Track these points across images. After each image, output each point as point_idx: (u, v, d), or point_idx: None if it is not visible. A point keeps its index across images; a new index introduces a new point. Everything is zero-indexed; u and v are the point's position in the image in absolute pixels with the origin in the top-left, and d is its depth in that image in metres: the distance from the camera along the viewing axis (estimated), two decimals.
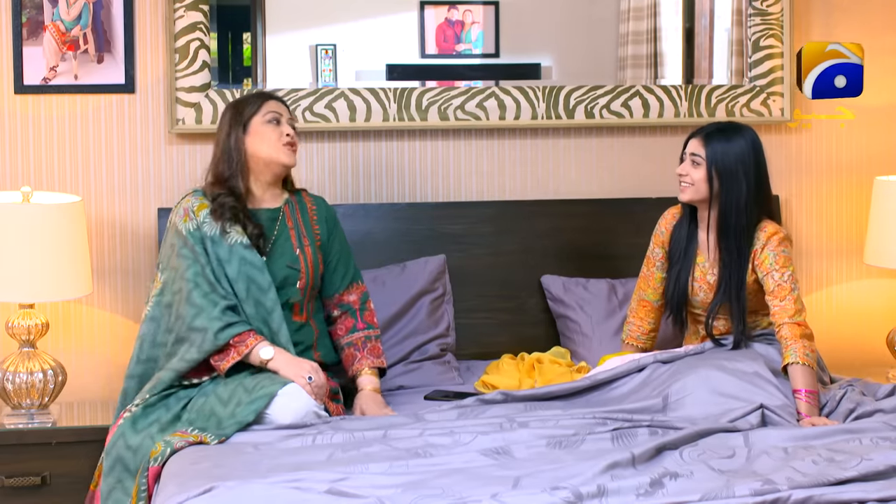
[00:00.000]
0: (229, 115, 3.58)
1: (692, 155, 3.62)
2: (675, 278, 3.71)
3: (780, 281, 3.55)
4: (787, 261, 3.58)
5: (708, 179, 3.60)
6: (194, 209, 3.52)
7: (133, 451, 3.32)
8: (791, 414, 3.32)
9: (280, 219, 3.60)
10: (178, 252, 3.49)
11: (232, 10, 4.21)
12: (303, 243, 3.60)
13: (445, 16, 4.30)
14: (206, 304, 3.41)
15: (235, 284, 3.47)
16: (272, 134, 3.54)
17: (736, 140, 3.60)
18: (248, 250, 3.49)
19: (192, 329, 3.41)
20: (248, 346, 3.39)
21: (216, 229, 3.49)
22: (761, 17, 4.34)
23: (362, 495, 2.72)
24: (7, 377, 3.77)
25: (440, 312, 4.04)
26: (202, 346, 3.39)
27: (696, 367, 3.47)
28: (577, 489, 2.70)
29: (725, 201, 3.60)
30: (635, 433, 3.14)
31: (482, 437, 3.10)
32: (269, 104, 3.58)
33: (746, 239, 3.60)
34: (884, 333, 4.34)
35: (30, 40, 4.00)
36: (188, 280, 3.44)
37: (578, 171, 4.34)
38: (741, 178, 3.59)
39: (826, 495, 2.70)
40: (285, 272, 3.54)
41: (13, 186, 4.01)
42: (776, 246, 3.59)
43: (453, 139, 4.27)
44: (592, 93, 4.28)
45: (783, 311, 3.53)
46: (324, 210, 3.70)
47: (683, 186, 3.65)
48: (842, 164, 4.48)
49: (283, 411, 3.30)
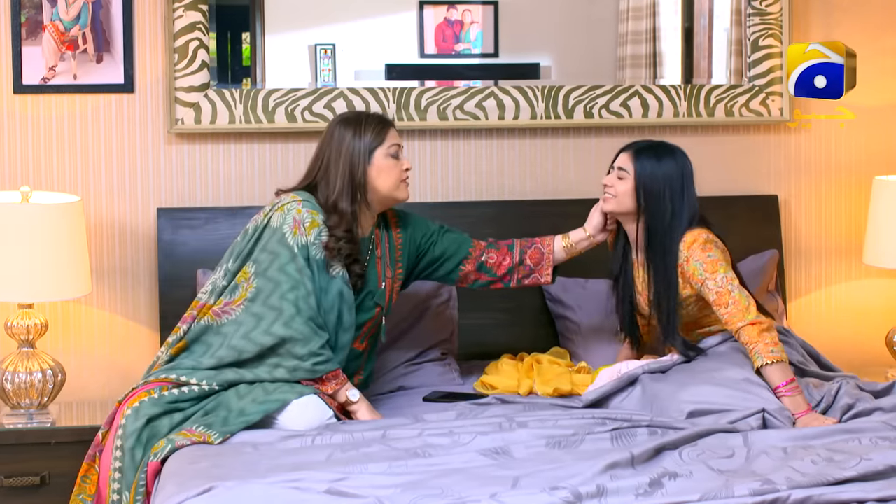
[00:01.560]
0: (349, 139, 3.46)
1: (619, 169, 3.61)
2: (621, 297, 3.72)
3: (715, 288, 3.50)
4: (715, 264, 3.51)
5: (635, 195, 3.59)
6: (306, 225, 3.42)
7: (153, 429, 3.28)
8: (787, 417, 3.31)
9: (371, 246, 3.56)
10: (284, 268, 3.38)
11: (231, 9, 4.21)
12: (385, 274, 3.57)
13: (444, 15, 4.30)
14: (307, 332, 3.35)
15: (327, 315, 3.42)
16: (395, 170, 3.48)
17: (666, 161, 3.59)
18: (346, 286, 3.44)
19: (290, 353, 3.35)
20: (338, 385, 3.39)
21: (322, 255, 3.42)
22: (760, 17, 4.35)
23: (361, 495, 2.72)
24: (6, 377, 3.77)
25: (446, 317, 4.02)
26: (295, 372, 3.35)
27: (686, 384, 3.44)
28: (577, 489, 2.70)
29: (649, 219, 3.59)
30: (634, 433, 3.14)
31: (481, 437, 3.10)
32: (391, 135, 3.49)
33: (672, 256, 3.57)
34: (882, 333, 4.34)
35: (29, 40, 4.00)
36: (290, 302, 3.35)
37: (578, 171, 4.34)
38: (666, 200, 3.56)
39: (825, 495, 2.70)
40: (366, 301, 3.51)
41: (12, 186, 4.01)
42: (699, 253, 3.53)
43: (452, 139, 4.27)
44: (591, 93, 4.28)
45: (732, 316, 3.48)
46: (409, 229, 3.64)
47: (606, 197, 3.64)
48: (841, 164, 4.48)
49: (295, 420, 3.29)
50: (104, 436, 3.40)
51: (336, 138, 3.48)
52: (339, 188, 3.44)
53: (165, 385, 3.36)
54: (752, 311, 3.47)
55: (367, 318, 3.52)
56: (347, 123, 3.49)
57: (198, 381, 3.37)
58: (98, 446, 3.41)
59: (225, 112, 4.08)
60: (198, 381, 3.36)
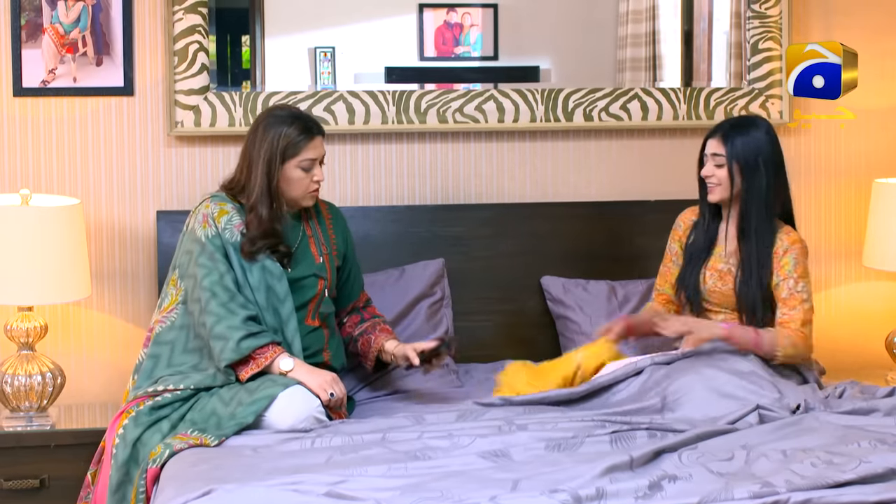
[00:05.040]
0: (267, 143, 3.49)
1: (714, 155, 3.63)
2: (691, 270, 3.72)
3: (794, 290, 3.56)
4: (805, 271, 3.60)
5: (730, 176, 3.60)
6: (214, 215, 3.50)
7: (143, 445, 3.31)
8: (784, 406, 3.32)
9: (301, 227, 3.61)
10: (196, 260, 3.47)
11: (231, 12, 4.21)
12: (322, 251, 3.62)
13: (444, 18, 4.30)
14: (224, 312, 3.39)
15: (257, 293, 3.47)
16: (302, 182, 3.52)
17: (753, 132, 3.62)
18: (269, 259, 3.49)
19: (213, 337, 3.40)
20: (268, 358, 3.40)
21: (238, 236, 3.49)
22: (760, 20, 4.35)
23: (361, 498, 2.72)
24: (6, 380, 3.77)
25: (439, 317, 4.04)
26: (222, 354, 3.38)
27: (694, 366, 3.47)
28: (576, 492, 2.70)
29: (747, 194, 3.60)
30: (634, 436, 3.14)
31: (481, 439, 3.10)
32: (309, 148, 3.50)
33: (768, 235, 3.60)
34: (882, 336, 4.34)
35: (29, 43, 4.00)
36: (205, 289, 3.42)
37: (577, 174, 4.34)
38: (761, 170, 3.59)
39: (825, 498, 2.70)
40: (307, 279, 3.55)
41: (12, 189, 4.01)
42: (799, 254, 3.60)
43: (452, 142, 4.27)
44: (591, 95, 4.29)
45: (791, 319, 3.54)
46: (340, 221, 3.72)
47: (711, 187, 3.65)
48: (841, 166, 4.48)
49: (282, 415, 3.30)
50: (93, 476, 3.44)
51: (258, 139, 3.51)
52: (258, 195, 3.49)
53: (141, 401, 3.40)
54: (808, 328, 3.55)
55: (311, 294, 3.56)
56: (271, 126, 3.51)
57: (164, 386, 3.42)
58: (88, 488, 3.46)
59: (225, 115, 4.08)
60: (165, 387, 3.41)
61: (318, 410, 3.34)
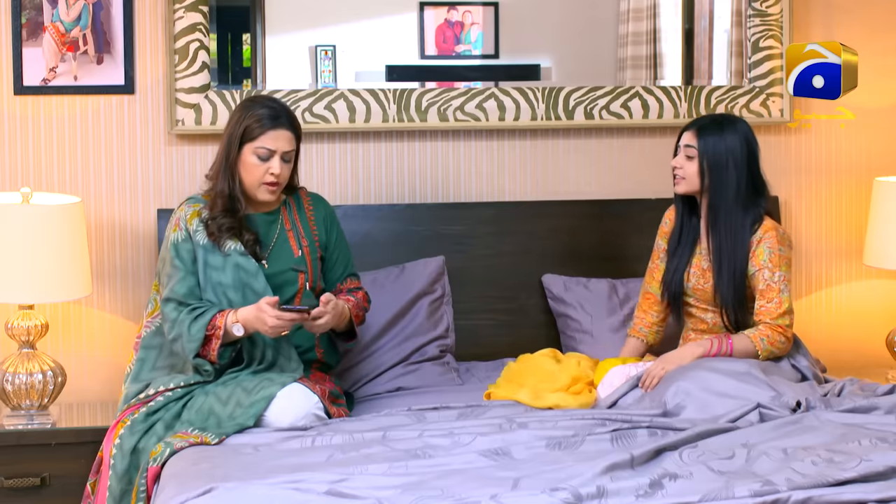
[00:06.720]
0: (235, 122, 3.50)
1: (686, 147, 3.64)
2: (674, 268, 3.72)
3: (769, 280, 3.54)
4: (781, 260, 3.57)
5: (700, 171, 3.61)
6: (186, 217, 3.51)
7: (141, 452, 3.32)
8: (783, 405, 3.32)
9: (279, 221, 3.60)
10: (167, 266, 3.51)
11: (231, 11, 4.21)
12: (301, 244, 3.60)
13: (445, 17, 4.30)
14: (175, 315, 3.42)
15: (231, 292, 3.46)
16: (257, 170, 3.49)
17: (728, 133, 3.61)
18: (243, 257, 3.48)
19: (172, 341, 3.44)
20: (220, 328, 3.39)
21: (206, 239, 3.49)
22: (761, 18, 4.35)
23: (362, 496, 2.72)
24: (7, 378, 3.77)
25: (439, 314, 4.04)
26: (186, 351, 3.40)
27: (690, 370, 3.46)
28: (577, 490, 2.70)
29: (713, 194, 3.60)
30: (634, 434, 3.14)
31: (482, 438, 3.10)
32: (269, 137, 3.46)
33: (741, 229, 3.59)
34: (883, 334, 4.34)
35: (29, 41, 4.00)
36: (163, 300, 3.47)
37: (578, 172, 4.34)
38: (731, 171, 3.59)
39: (825, 496, 2.70)
40: (287, 274, 3.53)
41: (13, 187, 4.01)
42: (773, 242, 3.57)
43: (453, 140, 4.27)
44: (592, 94, 4.28)
45: (767, 311, 3.52)
46: (322, 210, 3.69)
47: (677, 179, 3.66)
48: (841, 164, 4.48)
49: (281, 414, 3.30)
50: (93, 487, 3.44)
51: (231, 118, 3.54)
52: (216, 170, 3.53)
53: (136, 409, 3.41)
54: (786, 319, 3.53)
55: (293, 291, 3.55)
56: (244, 107, 3.52)
57: (156, 388, 3.43)
58: (88, 498, 3.45)
59: (225, 113, 4.08)
60: (156, 389, 3.43)
61: (318, 407, 3.35)
